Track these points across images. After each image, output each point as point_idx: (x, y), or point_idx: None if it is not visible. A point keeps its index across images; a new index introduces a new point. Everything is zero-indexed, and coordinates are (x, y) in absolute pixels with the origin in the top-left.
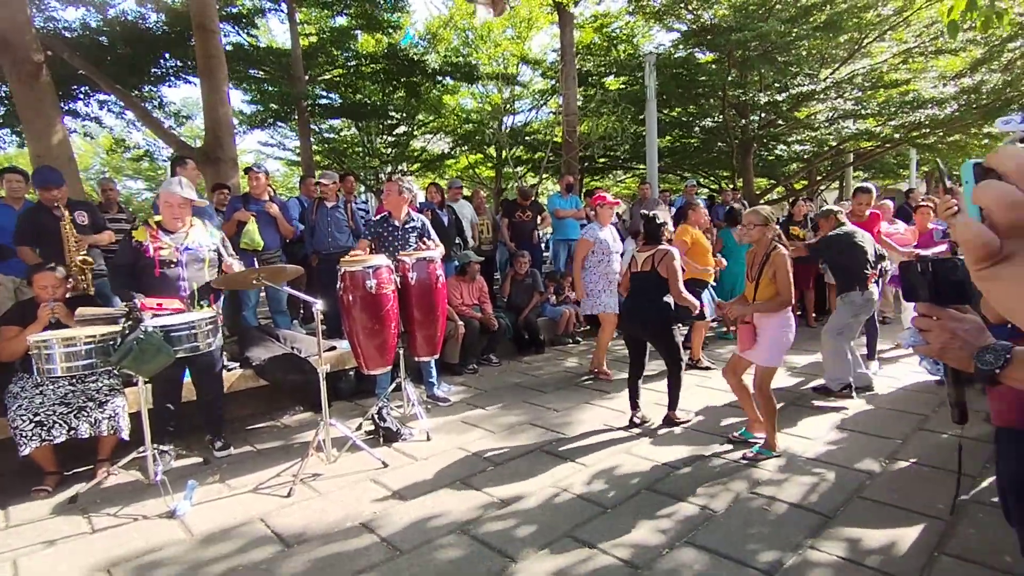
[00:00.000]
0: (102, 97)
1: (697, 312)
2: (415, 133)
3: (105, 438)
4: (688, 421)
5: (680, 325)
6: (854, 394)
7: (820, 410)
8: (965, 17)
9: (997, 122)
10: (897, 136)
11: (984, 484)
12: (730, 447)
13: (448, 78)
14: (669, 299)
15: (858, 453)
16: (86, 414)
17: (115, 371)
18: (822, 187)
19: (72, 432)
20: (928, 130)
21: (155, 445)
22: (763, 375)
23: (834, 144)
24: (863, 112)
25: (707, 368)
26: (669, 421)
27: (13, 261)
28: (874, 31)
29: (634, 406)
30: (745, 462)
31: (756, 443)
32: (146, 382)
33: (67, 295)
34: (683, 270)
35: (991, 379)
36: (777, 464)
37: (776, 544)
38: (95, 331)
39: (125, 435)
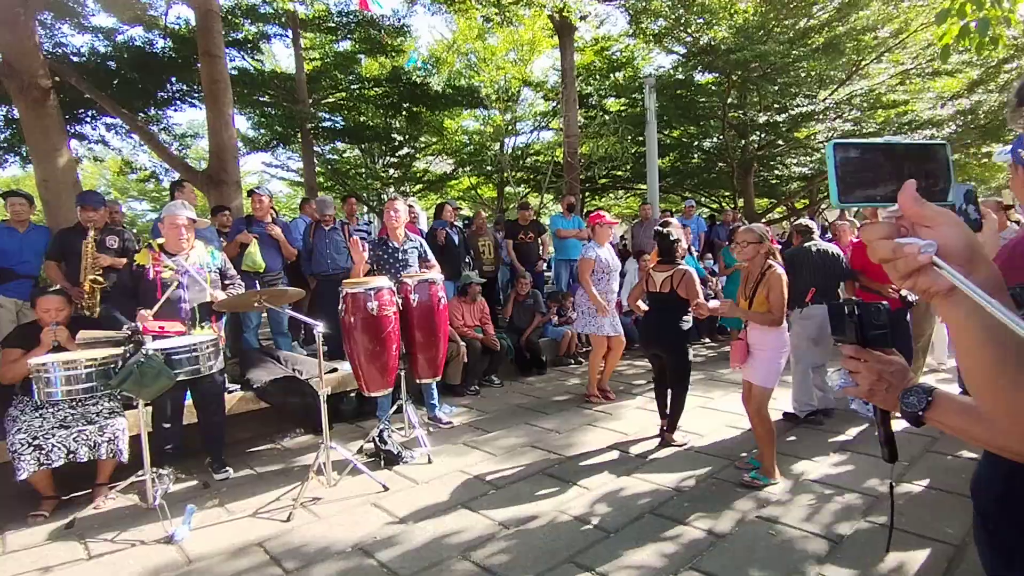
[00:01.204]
0: (109, 120)
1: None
2: (417, 155)
3: (104, 461)
4: (684, 446)
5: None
6: (823, 419)
7: (825, 430)
8: (958, 43)
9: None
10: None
11: None
12: (734, 471)
13: (451, 104)
14: (688, 319)
15: (864, 475)
16: (85, 437)
17: (116, 394)
18: (823, 206)
19: (71, 456)
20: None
21: (154, 469)
22: (759, 396)
23: None
24: (862, 132)
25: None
26: (665, 442)
27: (14, 284)
28: (872, 53)
29: (663, 417)
30: (740, 489)
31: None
32: (146, 405)
33: (69, 319)
34: (704, 285)
35: (915, 420)
36: (782, 487)
37: (783, 569)
38: (96, 354)
39: (124, 458)
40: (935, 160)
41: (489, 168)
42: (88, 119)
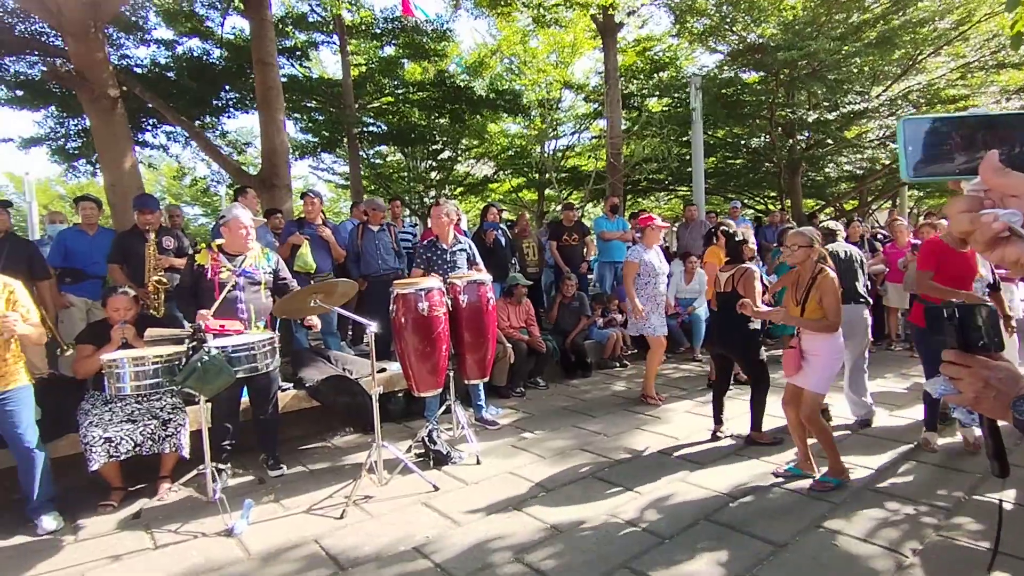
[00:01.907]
0: (168, 128)
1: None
2: (459, 158)
3: (167, 456)
4: (778, 442)
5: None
6: (858, 429)
7: (885, 439)
8: None
9: None
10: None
11: None
12: (786, 480)
13: (493, 107)
14: (756, 320)
15: (932, 486)
16: (150, 431)
17: (178, 390)
18: (873, 207)
19: (137, 448)
20: None
21: (214, 463)
22: (811, 402)
23: (887, 163)
24: None
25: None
26: (752, 441)
27: (86, 283)
28: (930, 46)
29: (717, 420)
30: (812, 493)
31: (807, 477)
32: (207, 401)
33: (136, 317)
34: (765, 288)
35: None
36: (841, 496)
37: None
38: (162, 351)
39: (185, 453)
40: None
41: (530, 171)
42: (150, 127)
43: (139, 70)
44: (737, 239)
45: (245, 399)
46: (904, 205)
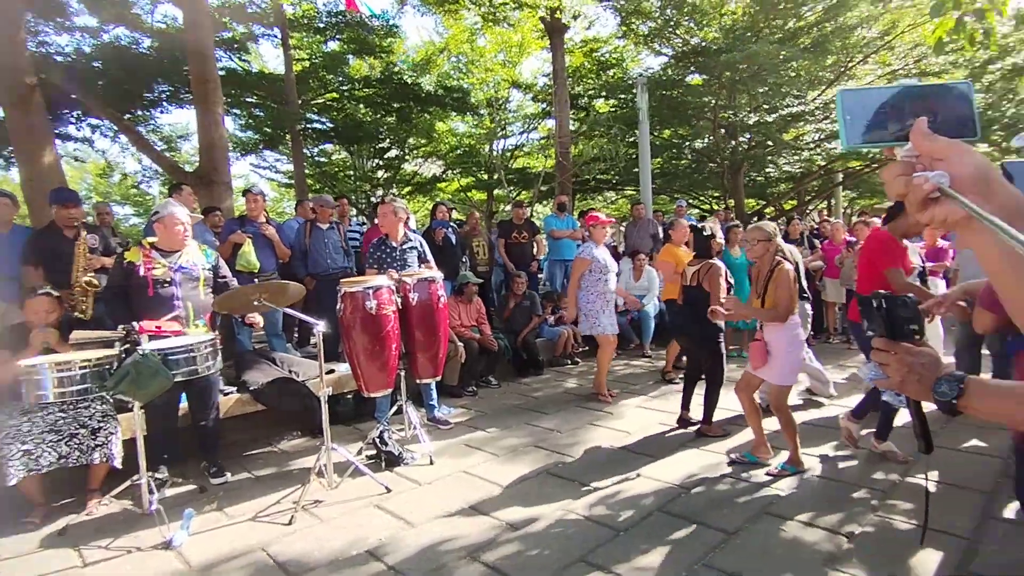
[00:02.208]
0: (94, 121)
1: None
2: (406, 157)
3: (96, 467)
4: (725, 435)
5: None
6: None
7: (826, 427)
8: (951, 37)
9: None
10: (883, 155)
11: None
12: (740, 467)
13: (440, 107)
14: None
15: (871, 470)
16: (77, 442)
17: (109, 396)
18: (810, 207)
19: (62, 460)
20: None
21: (150, 473)
22: (778, 394)
23: (822, 164)
24: None
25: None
26: (702, 433)
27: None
28: (859, 54)
29: (685, 406)
30: (767, 477)
31: (761, 463)
32: (141, 407)
33: (60, 320)
34: (730, 285)
35: (950, 409)
36: (790, 483)
37: (797, 566)
38: (91, 355)
39: (117, 463)
40: (955, 98)
41: (478, 171)
42: (73, 119)
43: (60, 58)
44: (705, 234)
45: (184, 404)
46: (839, 204)
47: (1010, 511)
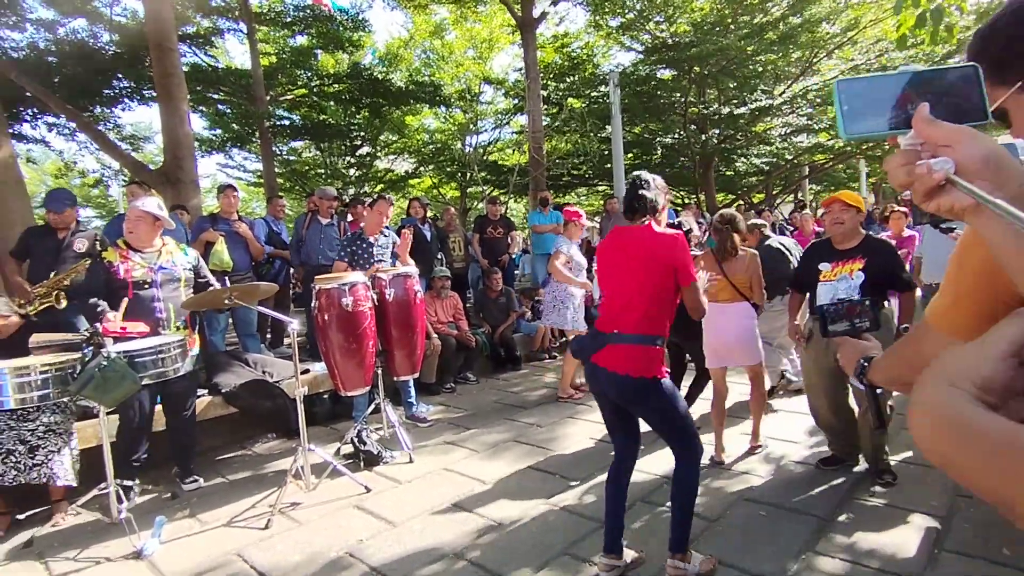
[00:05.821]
0: (51, 120)
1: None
2: (378, 154)
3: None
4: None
5: None
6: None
7: (800, 413)
8: (913, 32)
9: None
10: (848, 149)
11: None
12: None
13: (412, 100)
14: None
15: None
16: (14, 460)
17: (69, 401)
18: (778, 200)
19: (2, 478)
20: (875, 143)
21: (118, 480)
22: (755, 372)
23: (789, 158)
24: (815, 127)
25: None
26: None
27: None
28: (823, 49)
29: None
30: (744, 465)
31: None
32: (108, 413)
33: (16, 326)
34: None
35: (870, 385)
36: (767, 469)
37: (778, 550)
38: (52, 359)
39: (62, 482)
40: (961, 82)
41: (451, 167)
42: (28, 117)
43: (14, 54)
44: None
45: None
46: (806, 197)
47: None
